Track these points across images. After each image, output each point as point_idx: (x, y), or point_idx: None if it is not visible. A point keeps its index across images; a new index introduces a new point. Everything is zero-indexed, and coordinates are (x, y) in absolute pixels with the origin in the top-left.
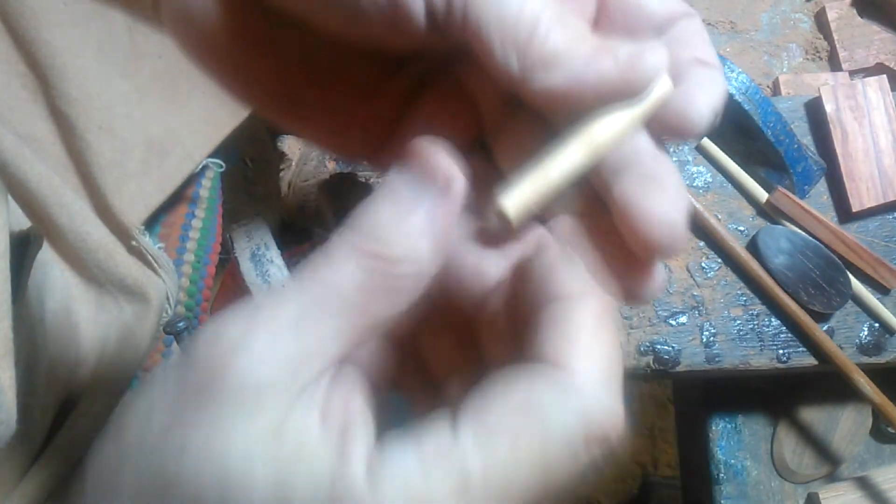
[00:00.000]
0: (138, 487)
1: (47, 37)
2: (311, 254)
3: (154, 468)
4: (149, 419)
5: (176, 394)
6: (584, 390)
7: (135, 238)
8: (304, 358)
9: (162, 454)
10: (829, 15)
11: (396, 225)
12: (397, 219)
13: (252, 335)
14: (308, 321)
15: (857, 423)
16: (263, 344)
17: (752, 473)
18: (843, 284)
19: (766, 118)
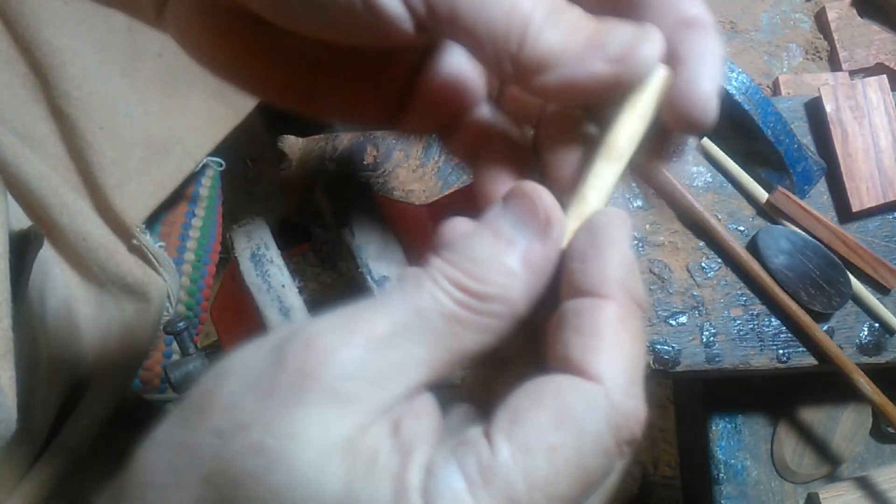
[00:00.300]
0: (204, 483)
1: (47, 36)
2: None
3: (226, 465)
4: (227, 414)
5: (260, 391)
6: (612, 396)
7: (135, 237)
8: (389, 378)
9: (236, 451)
10: (830, 15)
11: (492, 262)
12: (494, 256)
13: (345, 349)
14: (398, 343)
15: (858, 423)
16: (354, 360)
17: (752, 473)
18: (844, 284)
19: (766, 118)
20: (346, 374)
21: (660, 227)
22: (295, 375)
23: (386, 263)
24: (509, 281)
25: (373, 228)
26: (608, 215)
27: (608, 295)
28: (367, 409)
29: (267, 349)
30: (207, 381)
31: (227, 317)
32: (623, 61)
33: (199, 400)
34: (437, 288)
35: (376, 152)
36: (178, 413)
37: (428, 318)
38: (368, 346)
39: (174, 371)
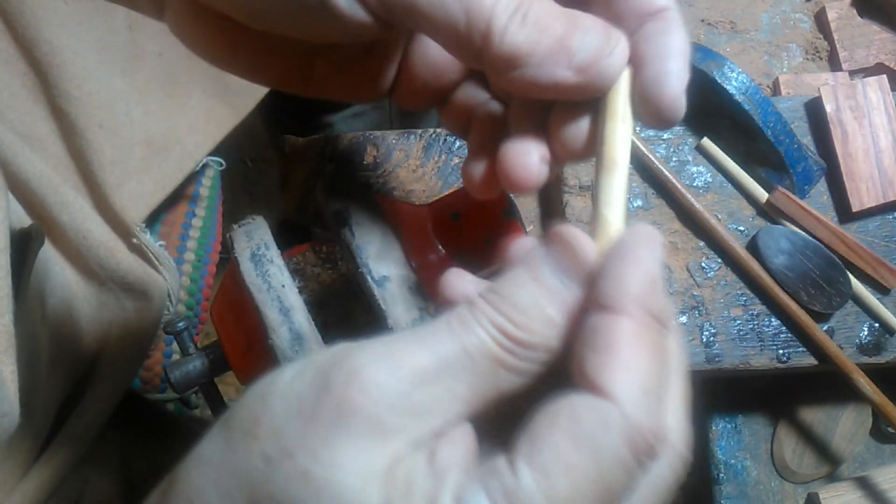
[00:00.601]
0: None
1: (48, 36)
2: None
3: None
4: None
5: (305, 418)
6: (626, 411)
7: (135, 236)
8: (430, 412)
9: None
10: (830, 15)
11: (535, 311)
12: (537, 305)
13: (390, 382)
14: (440, 379)
15: (858, 423)
16: (398, 392)
17: (752, 473)
18: (844, 284)
19: (765, 118)
20: (389, 406)
21: (660, 226)
22: (340, 405)
23: (386, 263)
24: (550, 330)
25: (373, 228)
26: (637, 233)
27: (623, 310)
28: (408, 439)
29: (310, 374)
30: (253, 402)
31: (227, 317)
32: (589, 72)
33: (245, 422)
34: (483, 331)
35: (376, 152)
36: (223, 433)
37: (472, 357)
38: (412, 380)
39: (174, 371)
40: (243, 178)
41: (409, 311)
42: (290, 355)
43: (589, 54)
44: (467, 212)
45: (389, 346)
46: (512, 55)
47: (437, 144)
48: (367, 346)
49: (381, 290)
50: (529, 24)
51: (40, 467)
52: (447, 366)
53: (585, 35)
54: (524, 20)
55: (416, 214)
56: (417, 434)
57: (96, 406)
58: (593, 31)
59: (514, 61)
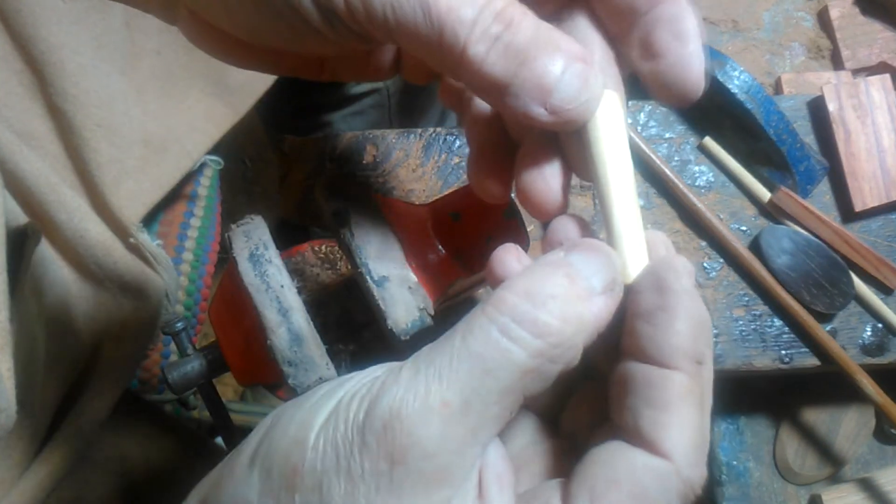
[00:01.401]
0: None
1: (45, 34)
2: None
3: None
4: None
5: (346, 475)
6: (682, 472)
7: (133, 235)
8: (468, 444)
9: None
10: (832, 13)
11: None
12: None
13: (424, 429)
14: (472, 409)
15: (860, 425)
16: (434, 437)
17: (754, 475)
18: (846, 284)
19: (768, 117)
20: (428, 453)
21: (661, 226)
22: (380, 462)
23: (386, 263)
24: (581, 330)
25: (372, 228)
26: (675, 272)
27: (678, 367)
28: (454, 482)
29: (343, 426)
30: (288, 447)
31: (225, 317)
32: (561, 114)
33: (284, 470)
34: (512, 342)
35: (376, 152)
36: (260, 477)
37: (500, 376)
38: (445, 421)
39: (172, 371)
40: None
41: (409, 311)
42: (289, 356)
43: (564, 97)
44: (467, 212)
45: (413, 383)
46: (492, 84)
47: (436, 144)
48: (393, 387)
49: (381, 290)
50: (510, 54)
51: (38, 467)
52: (475, 394)
53: (565, 74)
54: (506, 49)
55: (415, 214)
56: (461, 469)
57: (94, 406)
58: (572, 71)
59: (493, 88)
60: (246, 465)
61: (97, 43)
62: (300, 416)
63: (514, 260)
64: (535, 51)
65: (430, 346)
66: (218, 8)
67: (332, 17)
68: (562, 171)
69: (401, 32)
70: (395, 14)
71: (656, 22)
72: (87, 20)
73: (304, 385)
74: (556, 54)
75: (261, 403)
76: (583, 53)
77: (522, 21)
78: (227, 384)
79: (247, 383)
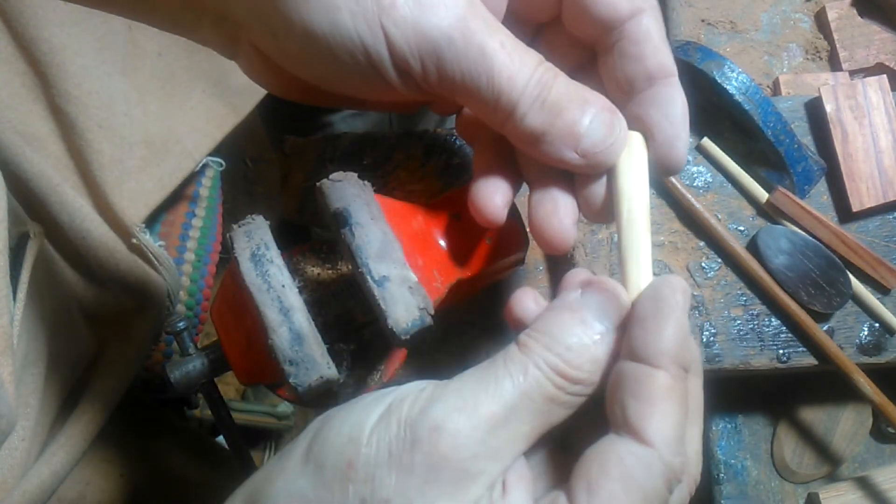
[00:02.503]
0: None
1: (47, 35)
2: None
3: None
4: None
5: (397, 468)
6: (664, 457)
7: (135, 236)
8: (503, 454)
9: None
10: (830, 15)
11: (583, 352)
12: (585, 346)
13: (471, 432)
14: (509, 424)
15: (858, 423)
16: (478, 441)
17: (752, 473)
18: (844, 284)
19: (766, 118)
20: (472, 454)
21: (660, 226)
22: (430, 457)
23: (386, 263)
24: (596, 368)
25: (373, 228)
26: (671, 287)
27: (661, 366)
28: (488, 480)
29: (395, 426)
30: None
31: (226, 317)
32: (590, 157)
33: (338, 463)
34: (540, 373)
35: (376, 152)
36: (313, 469)
37: (532, 400)
38: (488, 429)
39: (174, 371)
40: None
41: (409, 311)
42: (290, 355)
43: (592, 142)
44: (467, 212)
45: (461, 394)
46: (530, 134)
47: (437, 145)
48: (443, 397)
49: (381, 290)
50: (546, 109)
51: (40, 467)
52: (512, 409)
53: (592, 123)
54: (542, 105)
55: (416, 214)
56: (495, 474)
57: (96, 406)
58: (599, 120)
59: (531, 138)
60: (299, 461)
61: (99, 44)
62: (352, 417)
63: (532, 301)
64: (567, 104)
65: (474, 369)
66: (295, 56)
67: (407, 77)
68: (573, 210)
69: (464, 94)
70: (463, 80)
71: (652, 101)
72: (89, 22)
73: (304, 384)
74: (585, 106)
75: (262, 402)
76: (609, 104)
77: (555, 81)
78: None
79: (248, 382)
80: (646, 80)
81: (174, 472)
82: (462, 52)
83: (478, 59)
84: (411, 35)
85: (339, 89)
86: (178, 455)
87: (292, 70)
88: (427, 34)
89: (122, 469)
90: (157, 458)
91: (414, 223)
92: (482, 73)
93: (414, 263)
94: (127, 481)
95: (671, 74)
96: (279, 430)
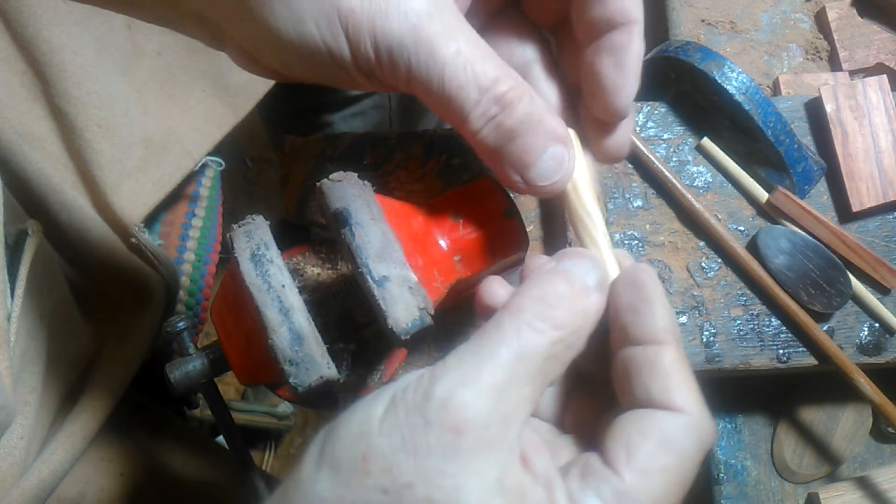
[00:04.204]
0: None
1: (46, 35)
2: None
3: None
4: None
5: (413, 452)
6: (697, 422)
7: (134, 235)
8: (511, 418)
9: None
10: (830, 15)
11: (573, 307)
12: (573, 303)
13: (479, 402)
14: (512, 388)
15: (858, 423)
16: (487, 410)
17: (752, 473)
18: (844, 284)
19: (766, 118)
20: (484, 423)
21: (660, 227)
22: (444, 435)
23: (386, 263)
24: (585, 322)
25: (373, 228)
26: (647, 273)
27: (665, 342)
28: (506, 447)
29: (403, 412)
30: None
31: (226, 317)
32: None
33: (352, 460)
34: (535, 333)
35: (376, 152)
36: (328, 471)
37: (530, 360)
38: (494, 396)
39: (174, 371)
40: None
41: (408, 310)
42: (290, 355)
43: (539, 174)
44: (467, 212)
45: (461, 369)
46: (483, 147)
47: (437, 145)
48: (444, 376)
49: (381, 290)
50: (502, 132)
51: (40, 466)
52: (513, 373)
53: (542, 156)
54: (498, 127)
55: (416, 214)
56: (509, 440)
57: (96, 405)
58: (551, 155)
59: (483, 150)
60: (312, 469)
61: (99, 44)
62: (358, 414)
63: (500, 287)
64: (524, 132)
65: (467, 343)
66: (271, 57)
67: (372, 76)
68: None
69: (423, 95)
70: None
71: (605, 49)
72: (88, 22)
73: (304, 384)
74: (540, 138)
75: (262, 402)
76: (564, 135)
77: (518, 104)
78: (228, 383)
79: (248, 382)
80: (606, 25)
81: (174, 471)
82: (414, 56)
83: (429, 64)
84: (369, 39)
85: (311, 80)
86: (179, 455)
87: (272, 67)
88: (383, 38)
89: (121, 468)
90: (157, 457)
91: (414, 223)
92: (433, 78)
93: (414, 263)
94: (127, 480)
95: (633, 21)
96: (279, 430)
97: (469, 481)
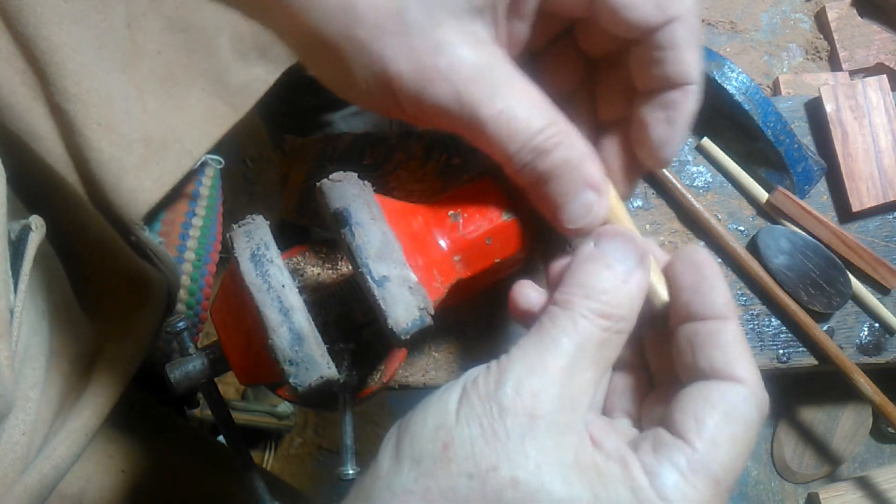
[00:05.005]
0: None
1: (46, 33)
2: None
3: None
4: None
5: (493, 437)
6: (757, 393)
7: (134, 233)
8: (579, 401)
9: (493, 486)
10: (830, 15)
11: (618, 292)
12: (617, 287)
13: (550, 388)
14: (575, 374)
15: (858, 423)
16: (557, 395)
17: (752, 474)
18: (843, 284)
19: (766, 118)
20: (555, 408)
21: (660, 226)
22: (521, 419)
23: (386, 263)
24: (633, 303)
25: (373, 228)
26: (703, 253)
27: (728, 316)
28: (577, 429)
29: (478, 402)
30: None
31: (226, 317)
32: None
33: (433, 451)
34: (587, 321)
35: (376, 152)
36: (407, 464)
37: (588, 347)
38: (561, 383)
39: (174, 370)
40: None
41: (408, 310)
42: (290, 355)
43: (568, 218)
44: (467, 212)
45: (527, 361)
46: (521, 184)
47: (437, 145)
48: (511, 367)
49: (381, 290)
50: (536, 175)
51: (42, 462)
52: (575, 361)
53: (573, 203)
54: (532, 172)
55: (416, 214)
56: (580, 422)
57: (98, 402)
58: (581, 202)
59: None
60: (392, 465)
61: (98, 42)
62: (432, 409)
63: (533, 290)
64: (557, 175)
65: (525, 338)
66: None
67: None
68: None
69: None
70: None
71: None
72: (88, 20)
73: (304, 384)
74: (573, 184)
75: (262, 402)
76: (598, 183)
77: (554, 151)
78: (228, 383)
79: (248, 382)
80: (666, 82)
81: (175, 470)
82: (458, 118)
83: (472, 125)
84: (414, 102)
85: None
86: (179, 454)
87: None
88: (429, 103)
89: (122, 465)
90: (158, 456)
91: (414, 223)
92: (476, 134)
93: (414, 263)
94: (128, 478)
95: (690, 83)
96: (279, 430)
97: (550, 460)
